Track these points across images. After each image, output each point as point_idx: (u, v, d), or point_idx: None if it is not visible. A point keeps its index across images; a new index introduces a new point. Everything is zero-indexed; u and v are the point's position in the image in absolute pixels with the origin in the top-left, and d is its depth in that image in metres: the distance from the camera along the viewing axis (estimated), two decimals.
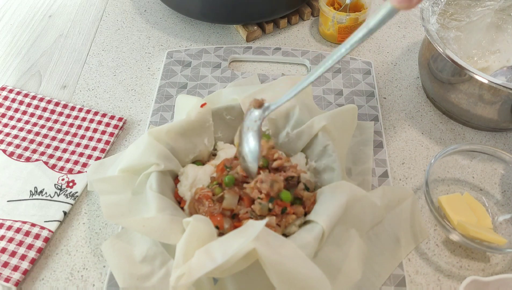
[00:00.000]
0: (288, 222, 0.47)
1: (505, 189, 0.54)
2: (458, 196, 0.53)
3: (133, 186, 0.50)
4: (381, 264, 0.48)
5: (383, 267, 0.48)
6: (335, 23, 0.71)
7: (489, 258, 0.51)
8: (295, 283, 0.39)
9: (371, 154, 0.58)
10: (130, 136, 0.62)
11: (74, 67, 0.71)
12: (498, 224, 0.52)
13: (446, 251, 0.51)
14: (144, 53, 0.73)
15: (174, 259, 0.41)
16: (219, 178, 0.49)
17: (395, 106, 0.66)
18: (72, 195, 0.55)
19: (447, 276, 0.49)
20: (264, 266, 0.39)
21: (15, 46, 0.75)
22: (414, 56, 0.73)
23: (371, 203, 0.47)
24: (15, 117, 0.63)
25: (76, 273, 0.49)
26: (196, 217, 0.43)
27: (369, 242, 0.49)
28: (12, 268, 0.48)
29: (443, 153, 0.53)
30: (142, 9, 0.82)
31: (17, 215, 0.53)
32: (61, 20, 0.80)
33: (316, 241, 0.42)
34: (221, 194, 0.47)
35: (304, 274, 0.39)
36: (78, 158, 0.58)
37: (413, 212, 0.52)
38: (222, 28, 0.78)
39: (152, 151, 0.49)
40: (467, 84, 0.56)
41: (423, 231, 0.51)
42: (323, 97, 0.65)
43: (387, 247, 0.49)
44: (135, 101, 0.66)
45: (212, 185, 0.49)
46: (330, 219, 0.43)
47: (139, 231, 0.43)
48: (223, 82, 0.67)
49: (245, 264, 0.40)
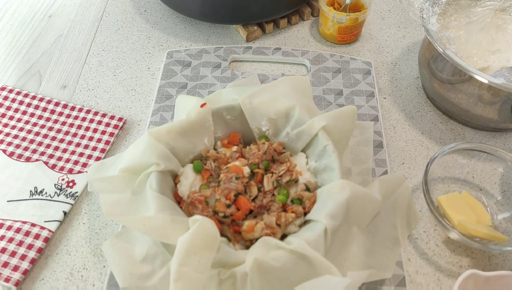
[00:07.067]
0: (288, 221, 0.47)
1: (505, 189, 0.54)
2: (457, 195, 0.53)
3: (133, 186, 0.50)
4: (385, 255, 0.48)
5: (388, 257, 0.48)
6: (335, 23, 0.71)
7: (489, 258, 0.51)
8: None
9: (371, 154, 0.58)
10: (130, 136, 0.62)
11: (74, 67, 0.71)
12: (497, 223, 0.52)
13: (446, 251, 0.51)
14: (144, 53, 0.73)
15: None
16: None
17: (395, 106, 0.66)
18: (72, 195, 0.55)
19: (447, 275, 0.49)
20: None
21: (15, 46, 0.75)
22: (414, 56, 0.73)
23: (371, 199, 0.48)
24: (15, 117, 0.63)
25: (76, 273, 0.49)
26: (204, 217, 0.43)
27: (370, 235, 0.49)
28: (12, 268, 0.48)
29: (442, 151, 0.53)
30: (142, 9, 0.82)
31: (17, 215, 0.53)
32: (61, 20, 0.80)
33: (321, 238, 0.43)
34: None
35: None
36: (78, 158, 0.58)
37: (407, 198, 0.52)
38: (222, 28, 0.78)
39: (152, 151, 0.49)
40: (467, 84, 0.56)
41: (416, 216, 0.51)
42: (323, 97, 0.65)
43: (387, 236, 0.49)
44: (135, 101, 0.66)
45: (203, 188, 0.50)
46: (331, 217, 0.43)
47: (139, 229, 0.43)
48: (223, 82, 0.67)
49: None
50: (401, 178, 0.52)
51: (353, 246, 0.46)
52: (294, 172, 0.51)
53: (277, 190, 0.50)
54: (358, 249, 0.46)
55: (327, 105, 0.64)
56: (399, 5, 0.83)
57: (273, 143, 0.54)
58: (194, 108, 0.53)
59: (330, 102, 0.65)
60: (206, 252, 0.42)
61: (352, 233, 0.47)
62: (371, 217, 0.49)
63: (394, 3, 0.84)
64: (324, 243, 0.43)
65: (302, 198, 0.49)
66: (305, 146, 0.53)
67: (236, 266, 0.42)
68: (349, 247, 0.46)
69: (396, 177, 0.52)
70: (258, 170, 0.51)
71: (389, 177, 0.51)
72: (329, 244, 0.44)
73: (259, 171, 0.51)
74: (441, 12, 0.63)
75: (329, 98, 0.65)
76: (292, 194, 0.50)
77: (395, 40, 0.76)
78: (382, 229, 0.50)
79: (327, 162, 0.50)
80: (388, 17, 0.81)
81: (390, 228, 0.50)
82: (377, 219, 0.50)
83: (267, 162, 0.52)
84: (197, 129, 0.53)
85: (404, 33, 0.77)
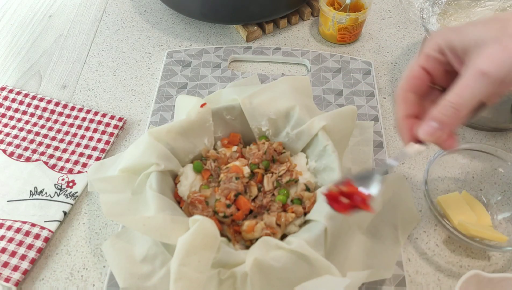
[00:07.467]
0: (288, 221, 0.47)
1: (505, 189, 0.54)
2: (457, 195, 0.53)
3: (133, 186, 0.50)
4: (385, 255, 0.48)
5: (388, 257, 0.48)
6: (335, 23, 0.71)
7: (490, 257, 0.51)
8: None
9: (371, 154, 0.58)
10: (130, 136, 0.62)
11: (74, 67, 0.71)
12: (497, 223, 0.52)
13: (446, 251, 0.51)
14: (144, 53, 0.73)
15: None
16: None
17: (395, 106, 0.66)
18: (72, 195, 0.55)
19: (447, 275, 0.49)
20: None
21: (15, 46, 0.75)
22: (414, 56, 0.73)
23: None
24: (15, 117, 0.63)
25: (76, 273, 0.49)
26: (204, 217, 0.43)
27: (370, 235, 0.49)
28: (12, 268, 0.48)
29: (442, 151, 0.53)
30: (142, 9, 0.82)
31: (17, 215, 0.53)
32: (61, 20, 0.80)
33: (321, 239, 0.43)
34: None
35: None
36: (78, 158, 0.58)
37: (406, 198, 0.52)
38: (222, 28, 0.78)
39: (152, 151, 0.49)
40: None
41: (416, 216, 0.51)
42: (323, 97, 0.65)
43: (387, 236, 0.49)
44: (135, 101, 0.66)
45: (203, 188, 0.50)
46: (331, 217, 0.43)
47: (139, 229, 0.43)
48: (223, 82, 0.67)
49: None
50: (401, 178, 0.52)
51: (353, 246, 0.46)
52: (294, 172, 0.51)
53: (277, 190, 0.50)
54: (358, 249, 0.47)
55: (327, 105, 0.64)
56: (399, 5, 0.83)
57: (273, 143, 0.54)
58: (194, 108, 0.53)
59: (330, 102, 0.65)
60: (206, 252, 0.42)
61: (352, 233, 0.47)
62: (371, 217, 0.49)
63: (394, 3, 0.84)
64: (324, 243, 0.43)
65: (302, 198, 0.49)
66: (305, 146, 0.53)
67: (236, 266, 0.42)
68: (349, 247, 0.46)
69: (396, 177, 0.52)
70: (258, 170, 0.51)
71: (389, 177, 0.51)
72: (329, 244, 0.44)
73: (259, 171, 0.51)
74: (441, 12, 0.63)
75: (329, 98, 0.65)
76: (292, 194, 0.50)
77: (395, 40, 0.76)
78: (382, 229, 0.50)
79: (327, 162, 0.50)
80: (388, 17, 0.81)
81: (390, 228, 0.50)
82: (377, 219, 0.50)
83: (267, 162, 0.52)
84: (197, 129, 0.53)
85: (404, 33, 0.77)
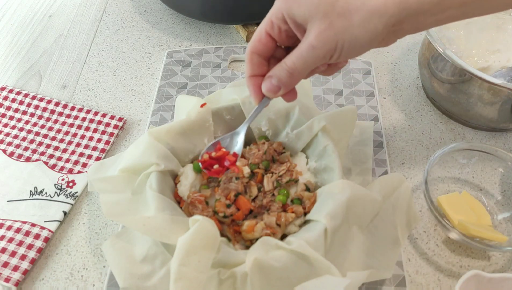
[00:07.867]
0: (288, 221, 0.47)
1: (505, 189, 0.54)
2: (457, 195, 0.53)
3: (133, 186, 0.50)
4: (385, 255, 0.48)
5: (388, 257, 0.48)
6: None
7: (490, 257, 0.51)
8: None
9: (371, 154, 0.58)
10: (130, 136, 0.62)
11: (74, 67, 0.71)
12: (497, 223, 0.52)
13: (446, 251, 0.51)
14: (144, 53, 0.73)
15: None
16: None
17: (395, 106, 0.66)
18: (72, 195, 0.55)
19: (447, 275, 0.49)
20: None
21: (15, 46, 0.75)
22: (414, 56, 0.73)
23: (371, 200, 0.48)
24: (15, 117, 0.63)
25: (76, 273, 0.49)
26: (204, 217, 0.43)
27: (370, 235, 0.49)
28: (12, 268, 0.48)
29: (442, 151, 0.53)
30: (142, 9, 0.82)
31: (17, 215, 0.53)
32: (61, 20, 0.80)
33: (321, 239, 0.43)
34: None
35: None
36: (78, 158, 0.58)
37: (406, 198, 0.52)
38: (222, 28, 0.78)
39: (152, 151, 0.49)
40: (467, 84, 0.56)
41: (416, 216, 0.51)
42: (323, 97, 0.65)
43: (387, 236, 0.49)
44: (135, 101, 0.66)
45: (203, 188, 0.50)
46: (331, 216, 0.43)
47: (139, 229, 0.43)
48: (223, 82, 0.67)
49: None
50: (401, 178, 0.52)
51: (353, 246, 0.46)
52: (294, 172, 0.51)
53: (277, 190, 0.50)
54: (358, 249, 0.46)
55: (327, 105, 0.64)
56: None
57: (273, 143, 0.54)
58: (194, 108, 0.53)
59: (330, 102, 0.65)
60: (206, 252, 0.42)
61: (352, 233, 0.47)
62: (371, 217, 0.49)
63: None
64: (324, 243, 0.43)
65: (302, 198, 0.49)
66: (305, 146, 0.53)
67: (236, 266, 0.42)
68: (349, 247, 0.46)
69: (396, 177, 0.52)
70: (258, 170, 0.51)
71: (389, 177, 0.51)
72: (329, 244, 0.44)
73: (259, 171, 0.51)
74: None
75: (329, 98, 0.65)
76: (292, 194, 0.50)
77: None
78: (382, 229, 0.50)
79: (327, 162, 0.50)
80: None
81: (390, 228, 0.50)
82: (377, 219, 0.50)
83: (267, 162, 0.52)
84: (197, 129, 0.53)
85: None
